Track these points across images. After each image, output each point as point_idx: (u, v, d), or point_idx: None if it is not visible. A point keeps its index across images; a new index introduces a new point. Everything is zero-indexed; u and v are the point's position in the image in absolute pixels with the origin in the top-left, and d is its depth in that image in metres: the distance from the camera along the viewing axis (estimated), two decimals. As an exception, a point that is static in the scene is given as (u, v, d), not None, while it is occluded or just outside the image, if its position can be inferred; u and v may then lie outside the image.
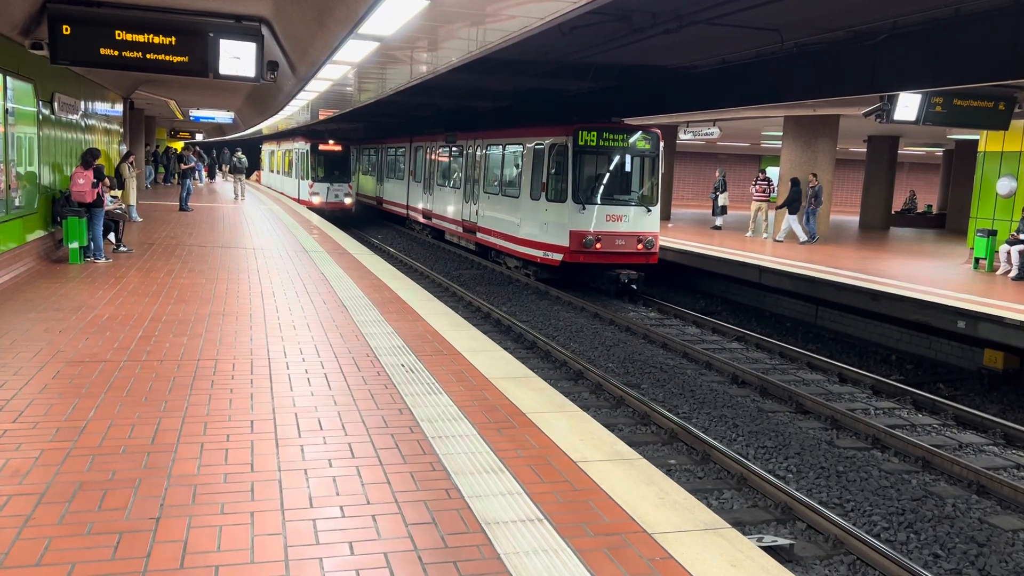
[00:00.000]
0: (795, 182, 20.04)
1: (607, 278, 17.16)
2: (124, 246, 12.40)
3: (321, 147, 31.07)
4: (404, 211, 29.92)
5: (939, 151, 34.30)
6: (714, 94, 17.37)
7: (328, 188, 30.79)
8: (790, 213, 20.05)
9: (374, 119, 36.45)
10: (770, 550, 6.16)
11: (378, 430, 4.79)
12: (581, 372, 11.15)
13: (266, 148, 46.30)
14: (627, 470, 4.33)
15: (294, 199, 31.70)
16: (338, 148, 31.62)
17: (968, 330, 11.38)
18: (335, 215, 28.94)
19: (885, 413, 10.31)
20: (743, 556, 3.42)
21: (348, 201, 31.47)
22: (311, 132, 33.64)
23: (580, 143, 16.61)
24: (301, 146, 32.12)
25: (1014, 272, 14.76)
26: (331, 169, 31.38)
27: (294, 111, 22.92)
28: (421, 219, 27.39)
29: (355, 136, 40.99)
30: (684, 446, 8.72)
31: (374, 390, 5.60)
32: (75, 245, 10.95)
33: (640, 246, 16.84)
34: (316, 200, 30.32)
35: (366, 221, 33.84)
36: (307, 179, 31.06)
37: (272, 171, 42.24)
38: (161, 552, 3.27)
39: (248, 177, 35.12)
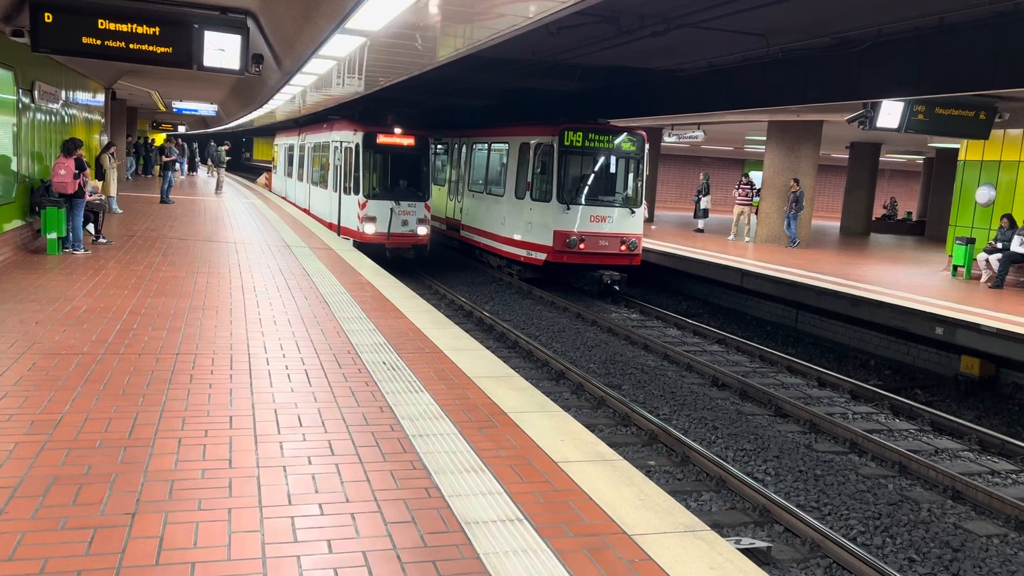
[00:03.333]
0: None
1: (589, 278, 17.30)
2: (103, 238, 12.27)
3: (382, 139, 18.72)
4: None
5: (920, 159, 34.65)
6: (700, 97, 17.44)
7: (392, 210, 18.32)
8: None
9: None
10: (748, 552, 6.19)
11: (358, 427, 4.77)
12: (563, 372, 11.15)
13: (280, 141, 31.88)
14: (607, 471, 4.33)
15: (329, 225, 19.60)
16: (409, 141, 18.97)
17: (946, 337, 11.50)
18: (400, 256, 18.74)
19: (863, 418, 10.40)
20: (722, 558, 3.43)
21: (423, 232, 18.73)
22: (363, 115, 20.50)
23: (566, 143, 16.77)
24: (346, 138, 19.34)
25: (991, 280, 14.92)
26: (397, 177, 19.08)
27: (280, 104, 22.68)
28: None
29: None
30: (664, 448, 8.75)
31: (355, 387, 5.57)
32: (53, 236, 10.82)
33: (623, 247, 16.99)
34: (370, 230, 18.25)
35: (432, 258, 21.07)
36: (356, 194, 18.64)
37: (290, 176, 28.39)
38: (136, 548, 3.23)
39: (243, 175, 32.67)
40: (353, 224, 18.66)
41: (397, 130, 18.80)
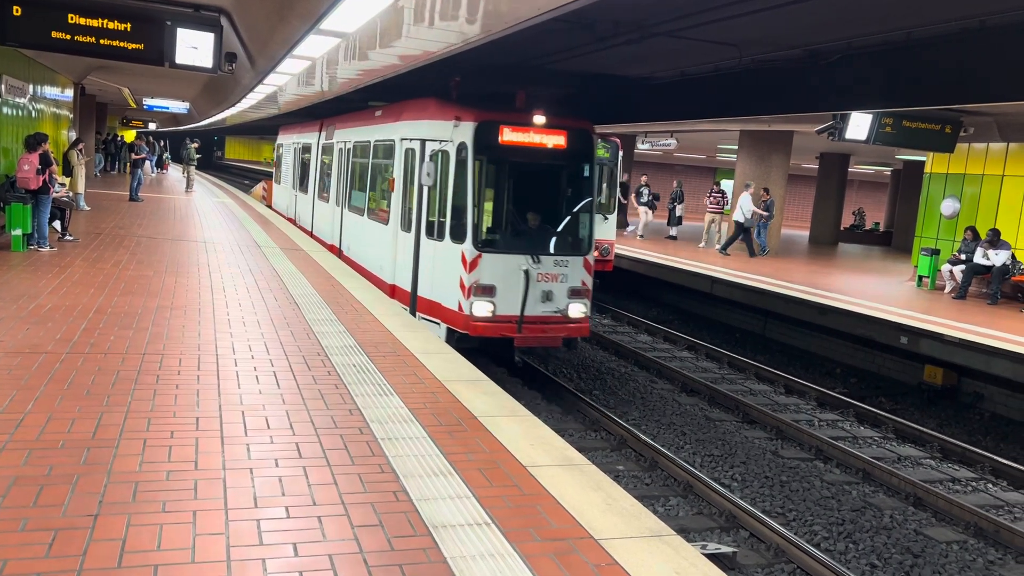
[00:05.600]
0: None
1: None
2: (70, 235, 12.08)
3: (511, 135, 10.03)
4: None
5: (888, 170, 35.23)
6: (673, 106, 17.58)
7: (527, 274, 9.82)
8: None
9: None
10: (714, 558, 6.25)
11: (327, 430, 4.74)
12: (533, 376, 11.18)
13: (287, 139, 22.57)
14: (576, 476, 4.35)
15: (378, 282, 11.57)
16: (558, 140, 10.24)
17: (910, 346, 11.70)
18: (532, 351, 11.77)
19: (829, 425, 10.54)
20: (687, 563, 3.46)
21: (580, 311, 10.23)
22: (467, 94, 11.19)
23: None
24: (431, 132, 10.40)
25: (955, 291, 15.21)
26: (535, 207, 10.63)
27: (255, 102, 22.45)
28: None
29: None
30: (633, 452, 8.80)
31: (324, 390, 5.54)
32: (18, 232, 10.62)
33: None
34: (483, 311, 9.82)
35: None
36: (454, 239, 10.00)
37: (304, 190, 19.20)
38: (98, 550, 3.19)
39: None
40: (445, 295, 10.00)
41: (539, 119, 9.96)
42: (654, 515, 3.97)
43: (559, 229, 10.55)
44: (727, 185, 25.59)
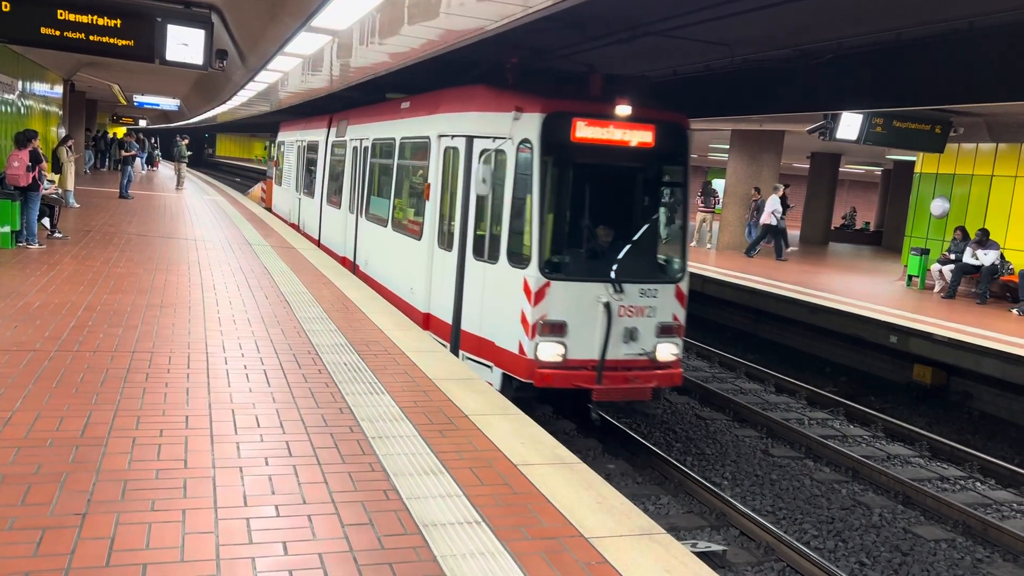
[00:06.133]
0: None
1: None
2: (59, 232, 12.02)
3: (588, 130, 7.88)
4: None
5: (878, 170, 35.38)
6: (664, 104, 17.58)
7: (608, 307, 7.73)
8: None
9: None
10: (703, 556, 6.26)
11: (317, 429, 4.73)
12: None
13: (290, 136, 20.19)
14: (566, 474, 4.35)
15: (407, 309, 9.54)
16: (644, 137, 8.11)
17: (899, 345, 11.75)
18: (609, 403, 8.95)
19: (819, 424, 10.58)
20: (677, 562, 3.47)
21: (670, 354, 8.16)
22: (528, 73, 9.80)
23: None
24: (481, 127, 8.45)
25: (944, 290, 15.28)
26: (616, 223, 8.43)
27: (246, 99, 22.38)
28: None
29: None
30: (623, 451, 8.81)
31: (315, 388, 5.53)
32: (7, 229, 10.57)
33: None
34: (551, 354, 7.71)
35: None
36: (514, 263, 7.91)
37: (310, 194, 17.06)
38: (86, 549, 3.17)
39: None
40: (499, 332, 8.08)
41: (622, 109, 7.99)
42: (644, 513, 3.98)
43: (646, 250, 8.60)
44: (718, 184, 25.64)
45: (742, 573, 6.47)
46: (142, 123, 44.25)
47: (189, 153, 27.21)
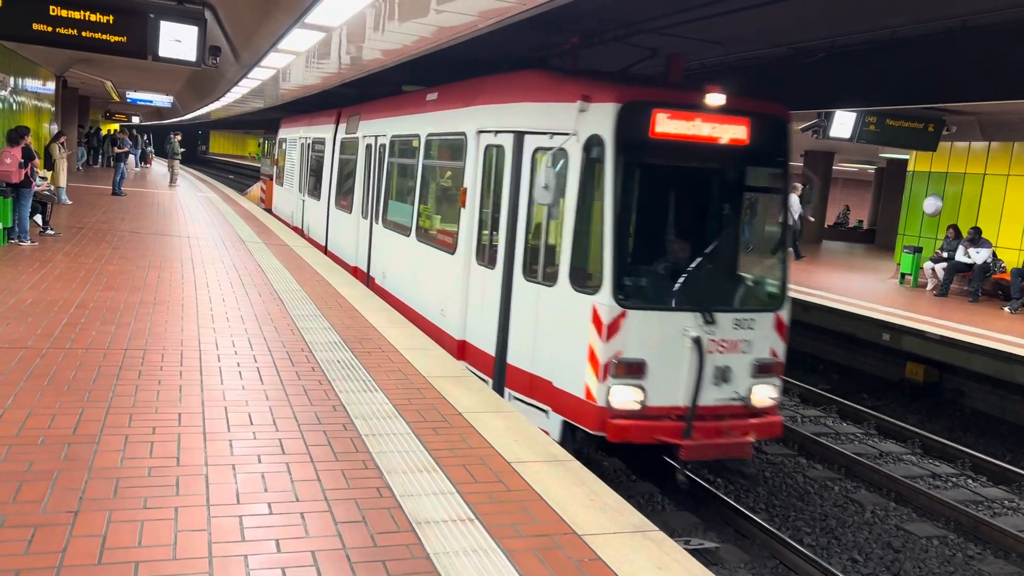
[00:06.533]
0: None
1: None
2: (51, 229, 11.97)
3: (672, 124, 6.52)
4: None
5: (871, 168, 35.46)
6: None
7: (698, 343, 6.38)
8: None
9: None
10: (696, 553, 6.28)
11: (310, 426, 4.73)
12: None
13: (290, 133, 19.28)
14: (560, 472, 4.36)
15: (454, 344, 7.97)
16: (738, 132, 6.76)
17: (892, 343, 11.79)
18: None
19: (812, 421, 10.61)
20: (670, 559, 3.47)
21: (768, 398, 6.77)
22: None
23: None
24: (532, 121, 7.16)
25: (937, 288, 15.33)
26: (703, 238, 7.31)
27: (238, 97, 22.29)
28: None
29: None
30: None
31: (308, 386, 5.52)
32: (-2, 226, 10.53)
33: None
34: (628, 400, 6.32)
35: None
36: (578, 286, 6.55)
37: (316, 196, 15.68)
38: (78, 547, 3.17)
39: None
40: (558, 370, 6.74)
41: (714, 98, 6.69)
42: (637, 511, 3.99)
43: (739, 270, 7.50)
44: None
45: (735, 570, 6.49)
46: (135, 120, 44.08)
47: (182, 150, 27.10)
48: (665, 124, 6.48)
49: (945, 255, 15.50)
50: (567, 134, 6.59)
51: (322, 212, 14.88)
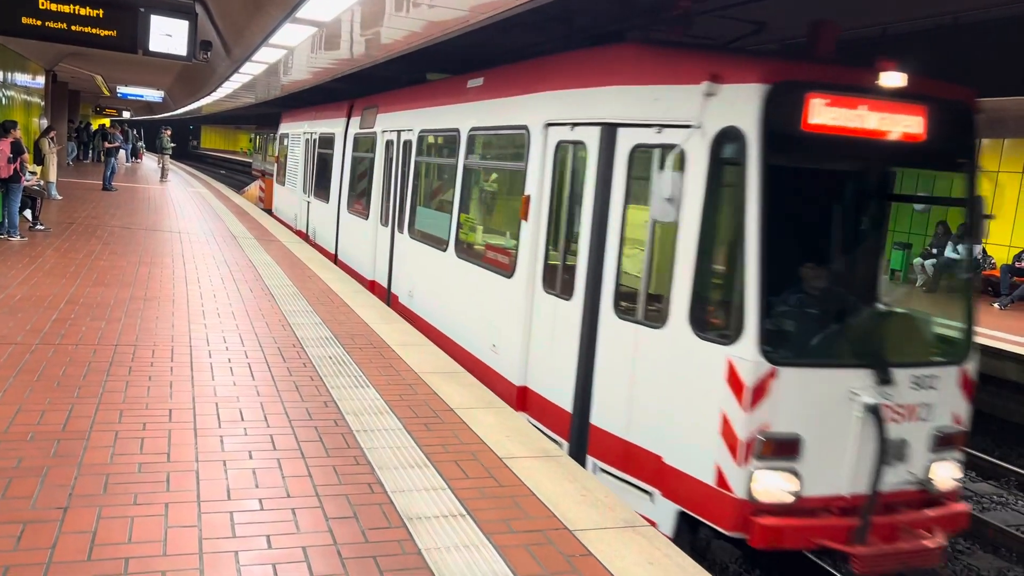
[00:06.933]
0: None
1: None
2: (41, 224, 11.91)
3: (825, 112, 4.70)
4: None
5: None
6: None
7: (875, 413, 4.63)
8: None
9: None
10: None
11: (302, 422, 4.72)
12: (510, 369, 11.11)
13: (292, 128, 18.04)
14: (552, 467, 4.37)
15: (512, 392, 6.38)
16: (913, 124, 5.04)
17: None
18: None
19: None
20: (660, 554, 3.49)
21: (951, 478, 5.05)
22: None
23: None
24: (647, 108, 5.29)
25: (927, 284, 15.40)
26: (860, 258, 6.08)
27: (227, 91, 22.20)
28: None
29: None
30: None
31: (299, 382, 5.51)
32: (-13, 221, 10.48)
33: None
34: (778, 487, 4.54)
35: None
36: (707, 331, 4.80)
37: (325, 199, 14.12)
38: (68, 543, 3.16)
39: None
40: (673, 445, 4.97)
41: (891, 78, 5.02)
42: (628, 506, 4.00)
43: (918, 310, 6.13)
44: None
45: (725, 566, 6.51)
46: (126, 114, 43.87)
47: (173, 145, 26.99)
48: (822, 113, 4.77)
49: (934, 251, 15.57)
50: (686, 126, 4.92)
51: (331, 216, 13.32)
